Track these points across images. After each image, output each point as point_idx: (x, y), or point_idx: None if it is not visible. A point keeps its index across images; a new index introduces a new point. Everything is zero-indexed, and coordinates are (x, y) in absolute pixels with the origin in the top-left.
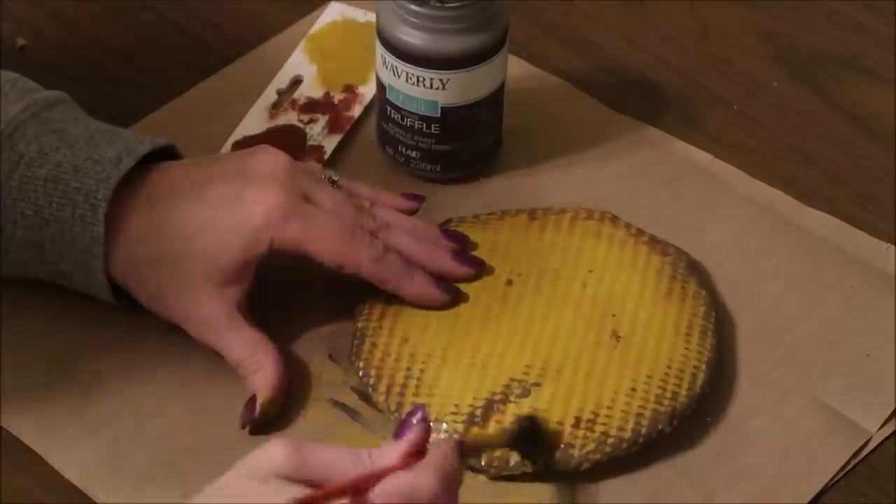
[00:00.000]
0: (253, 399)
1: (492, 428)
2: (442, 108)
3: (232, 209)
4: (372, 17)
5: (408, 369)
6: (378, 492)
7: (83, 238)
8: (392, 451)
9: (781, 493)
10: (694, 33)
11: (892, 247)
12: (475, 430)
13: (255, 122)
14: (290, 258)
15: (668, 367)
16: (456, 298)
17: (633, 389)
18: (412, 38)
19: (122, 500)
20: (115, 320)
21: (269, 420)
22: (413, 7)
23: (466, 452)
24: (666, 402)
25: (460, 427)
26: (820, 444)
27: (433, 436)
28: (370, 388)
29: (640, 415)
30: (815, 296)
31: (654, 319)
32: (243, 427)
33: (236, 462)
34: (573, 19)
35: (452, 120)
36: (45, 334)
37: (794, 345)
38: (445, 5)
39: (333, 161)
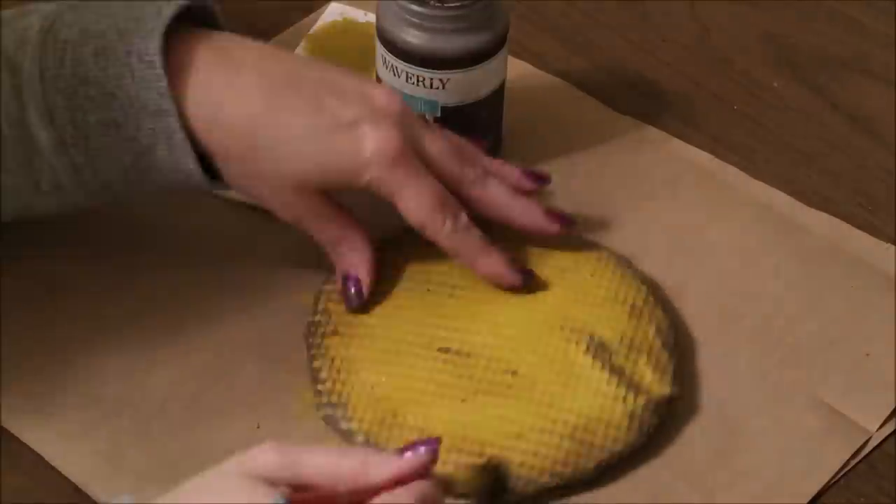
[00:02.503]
0: (355, 280)
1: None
2: (442, 108)
3: (347, 134)
4: (372, 17)
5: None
6: None
7: (152, 99)
8: (388, 462)
9: (781, 493)
10: (694, 33)
11: (892, 247)
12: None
13: None
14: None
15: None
16: (527, 281)
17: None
18: (412, 37)
19: (122, 499)
20: (116, 320)
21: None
22: (413, 7)
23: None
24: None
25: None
26: (820, 444)
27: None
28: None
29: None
30: (815, 296)
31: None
32: (353, 309)
33: (228, 459)
34: (573, 19)
35: (452, 120)
36: (45, 334)
37: (794, 345)
38: (445, 5)
39: None
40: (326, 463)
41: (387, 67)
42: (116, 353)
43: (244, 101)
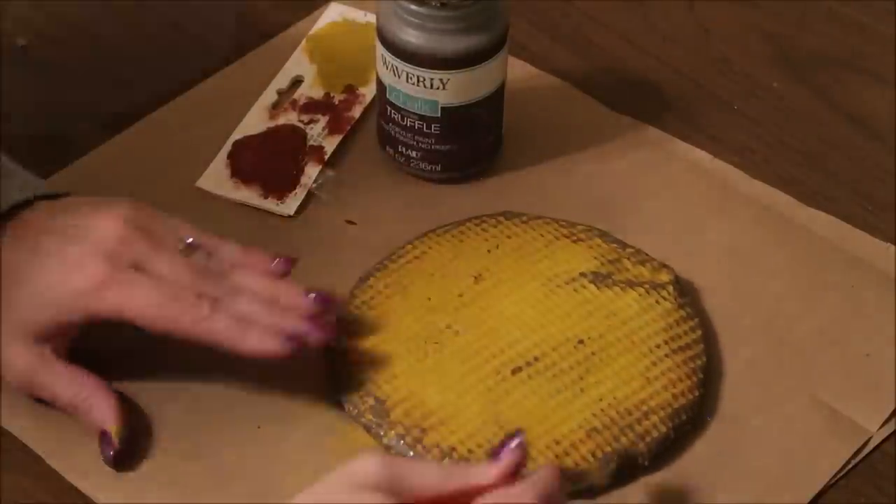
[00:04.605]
0: (105, 433)
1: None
2: (442, 108)
3: (51, 270)
4: (372, 17)
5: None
6: None
7: None
8: (488, 471)
9: (781, 493)
10: (694, 33)
11: (892, 247)
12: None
13: (255, 122)
14: None
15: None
16: (300, 349)
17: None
18: (412, 38)
19: (122, 500)
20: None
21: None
22: (413, 7)
23: (565, 480)
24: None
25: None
26: (820, 444)
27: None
28: (381, 435)
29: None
30: (815, 296)
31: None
32: (113, 463)
33: (326, 474)
34: (573, 19)
35: (452, 120)
36: None
37: (794, 345)
38: (445, 5)
39: (333, 162)
40: (424, 470)
41: (387, 67)
42: (117, 356)
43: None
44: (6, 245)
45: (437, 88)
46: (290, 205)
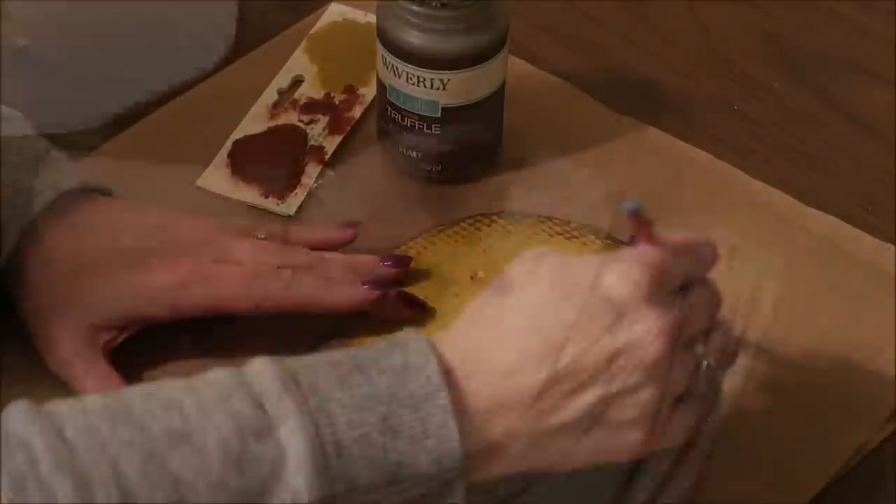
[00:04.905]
0: None
1: None
2: (442, 108)
3: (133, 268)
4: (372, 18)
5: None
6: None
7: None
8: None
9: (781, 492)
10: (694, 33)
11: (892, 247)
12: None
13: (255, 121)
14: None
15: None
16: (384, 295)
17: None
18: (412, 38)
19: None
20: None
21: None
22: (413, 7)
23: None
24: None
25: None
26: (820, 443)
27: None
28: None
29: None
30: (815, 296)
31: None
32: None
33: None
34: (573, 19)
35: (452, 120)
36: None
37: (794, 345)
38: (445, 5)
39: (334, 162)
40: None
41: (387, 68)
42: (117, 355)
43: (54, 264)
44: (70, 233)
45: (437, 88)
46: (291, 205)
